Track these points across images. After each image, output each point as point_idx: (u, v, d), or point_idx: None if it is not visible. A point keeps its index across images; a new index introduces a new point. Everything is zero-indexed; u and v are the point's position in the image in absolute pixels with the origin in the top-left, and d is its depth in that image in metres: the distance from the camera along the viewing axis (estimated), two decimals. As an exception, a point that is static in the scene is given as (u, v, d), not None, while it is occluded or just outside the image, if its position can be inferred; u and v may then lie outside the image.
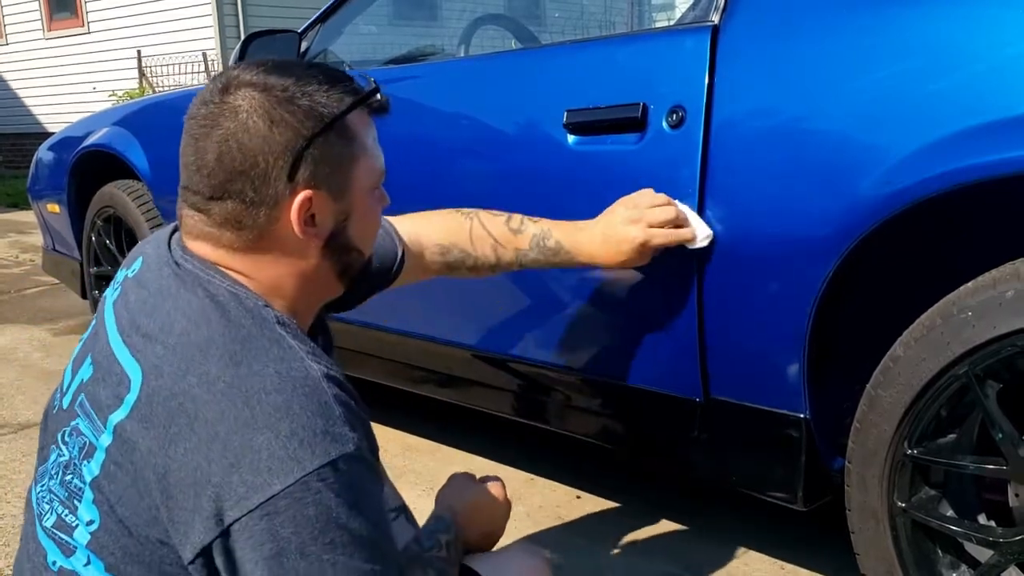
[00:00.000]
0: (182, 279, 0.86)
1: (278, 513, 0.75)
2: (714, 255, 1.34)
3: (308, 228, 0.87)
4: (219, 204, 0.85)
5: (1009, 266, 1.12)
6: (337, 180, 0.87)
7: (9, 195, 8.08)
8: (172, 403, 0.78)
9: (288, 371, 0.80)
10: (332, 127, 0.85)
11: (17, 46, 10.70)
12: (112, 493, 0.81)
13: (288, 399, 0.78)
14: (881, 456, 1.22)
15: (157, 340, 0.82)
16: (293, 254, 0.88)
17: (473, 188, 1.70)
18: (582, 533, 1.84)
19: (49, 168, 3.05)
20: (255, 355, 0.80)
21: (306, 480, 0.75)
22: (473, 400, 1.91)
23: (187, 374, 0.79)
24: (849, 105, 1.21)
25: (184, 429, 0.77)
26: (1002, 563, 1.16)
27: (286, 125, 0.83)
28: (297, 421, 0.77)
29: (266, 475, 0.75)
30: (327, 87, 0.86)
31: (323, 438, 0.77)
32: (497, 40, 2.50)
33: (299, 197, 0.85)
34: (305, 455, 0.76)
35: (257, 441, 0.76)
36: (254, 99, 0.84)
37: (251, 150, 0.83)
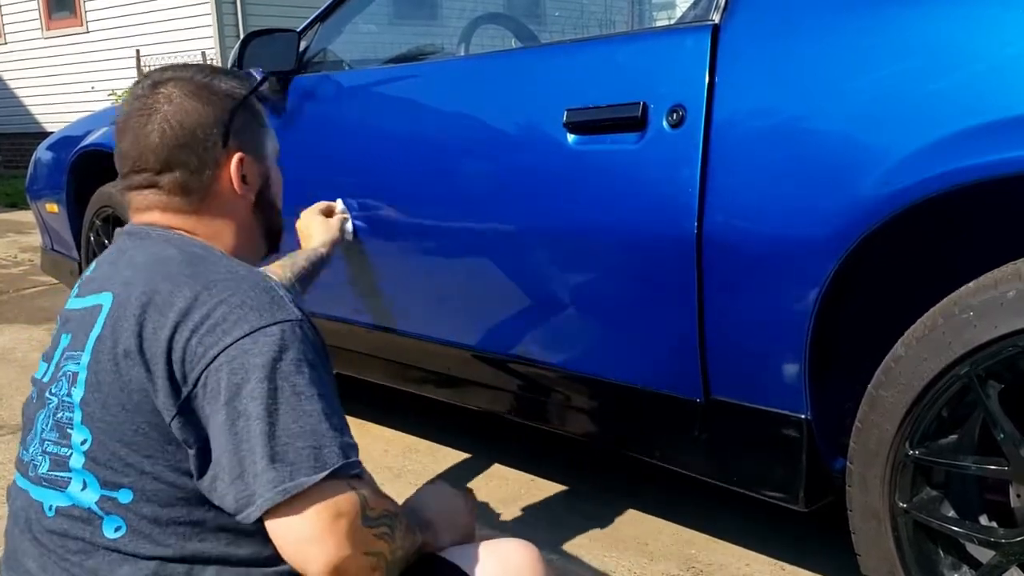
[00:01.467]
0: (136, 236, 1.03)
1: (229, 362, 0.88)
2: (715, 255, 1.34)
3: (243, 186, 1.06)
4: (168, 175, 1.03)
5: (1010, 266, 1.12)
6: (255, 145, 1.09)
7: (8, 195, 8.07)
8: (143, 299, 0.92)
9: (236, 268, 0.97)
10: (245, 105, 1.07)
11: (15, 45, 10.69)
12: (98, 400, 0.92)
13: (238, 283, 0.93)
14: (882, 456, 1.22)
15: (124, 272, 0.97)
16: (230, 212, 1.07)
17: (473, 187, 1.70)
18: (582, 534, 1.84)
19: (48, 168, 3.04)
20: (209, 263, 0.97)
21: (253, 334, 0.89)
22: (473, 400, 1.90)
23: (154, 278, 0.94)
24: (849, 105, 1.20)
25: (152, 313, 0.91)
26: (1004, 564, 1.16)
27: (213, 103, 1.04)
28: (247, 295, 0.92)
29: (219, 334, 0.89)
30: (231, 76, 1.09)
31: (270, 306, 0.92)
32: (497, 39, 2.49)
33: (235, 158, 1.05)
34: (253, 316, 0.90)
35: (215, 311, 0.90)
36: (182, 87, 1.03)
37: (189, 125, 1.02)
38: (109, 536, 0.91)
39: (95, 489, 0.91)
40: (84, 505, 0.91)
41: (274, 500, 0.84)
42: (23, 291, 4.38)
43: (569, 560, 1.74)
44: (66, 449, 0.93)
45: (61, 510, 0.93)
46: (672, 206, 1.37)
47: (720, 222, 1.32)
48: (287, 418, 0.87)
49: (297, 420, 0.87)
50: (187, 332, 0.89)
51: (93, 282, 1.02)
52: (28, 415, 1.02)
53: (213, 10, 8.69)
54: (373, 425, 2.46)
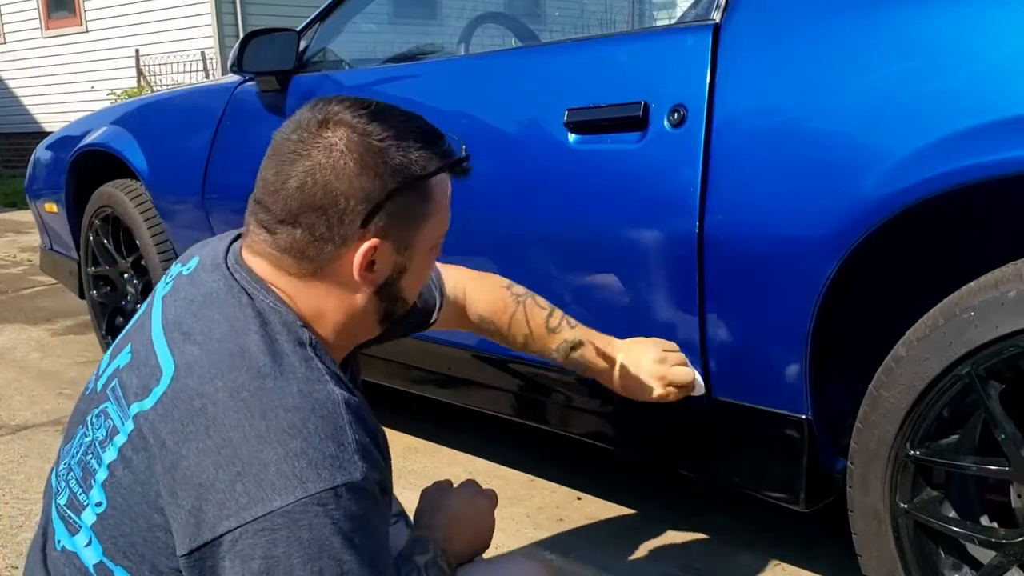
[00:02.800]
0: (230, 286, 0.89)
1: (273, 530, 0.75)
2: (716, 255, 1.34)
3: (366, 274, 0.90)
4: (288, 229, 0.87)
5: (1011, 266, 1.12)
6: (405, 236, 0.91)
7: (7, 195, 8.07)
8: (195, 403, 0.80)
9: (310, 391, 0.81)
10: (415, 186, 0.89)
11: (15, 45, 10.69)
12: (123, 479, 0.83)
13: (304, 418, 0.79)
14: (883, 457, 1.22)
15: (195, 341, 0.85)
16: (343, 293, 0.91)
17: (473, 187, 1.69)
18: (583, 534, 1.84)
19: (47, 167, 3.04)
20: (282, 371, 0.82)
21: (306, 501, 0.76)
22: (473, 401, 1.90)
23: (215, 378, 0.81)
24: (850, 105, 1.20)
25: (200, 430, 0.79)
26: (1004, 564, 1.16)
27: (374, 174, 0.86)
28: (309, 441, 0.78)
29: (268, 490, 0.76)
30: (421, 145, 0.89)
31: (331, 462, 0.78)
32: (497, 39, 2.49)
33: (366, 244, 0.88)
34: (310, 476, 0.77)
35: (266, 455, 0.77)
36: (351, 141, 0.86)
37: (334, 189, 0.85)
38: None
39: (97, 552, 0.85)
40: (85, 561, 0.86)
41: None
42: (22, 291, 4.38)
43: (569, 560, 1.74)
44: (84, 498, 0.87)
45: (67, 551, 0.88)
46: (673, 206, 1.37)
47: (721, 222, 1.32)
48: None
49: None
50: (232, 472, 0.77)
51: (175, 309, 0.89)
52: (78, 410, 0.95)
53: (213, 10, 8.69)
54: (373, 425, 2.46)
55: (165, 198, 2.47)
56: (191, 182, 2.31)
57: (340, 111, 0.87)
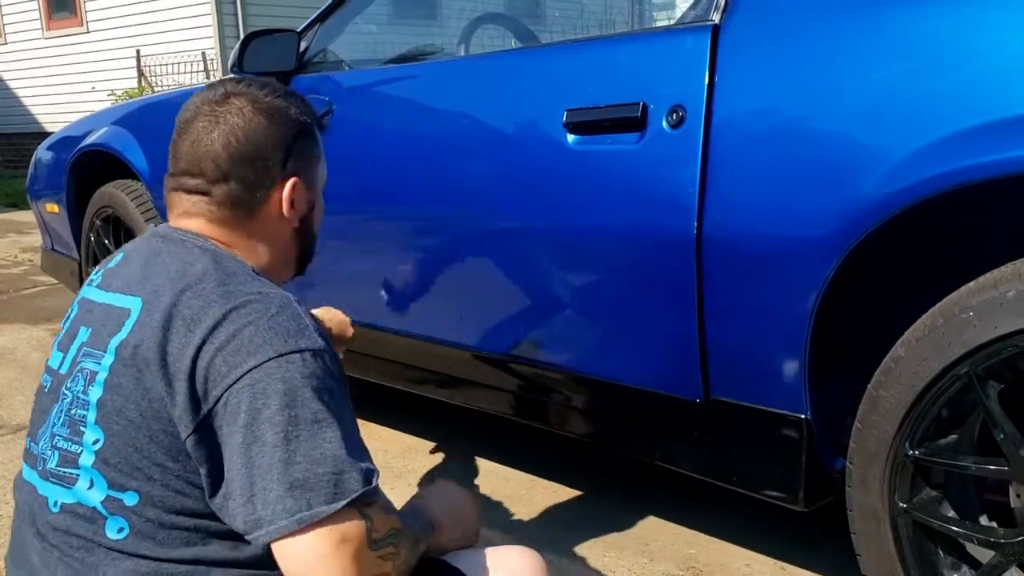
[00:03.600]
0: (170, 241, 1.01)
1: (252, 384, 0.87)
2: (715, 255, 1.34)
3: (291, 210, 1.06)
4: (223, 186, 1.02)
5: (1010, 266, 1.12)
6: (310, 173, 1.09)
7: (8, 195, 8.07)
8: (171, 311, 0.92)
9: (267, 290, 0.96)
10: (309, 131, 1.09)
11: (16, 46, 10.69)
12: (114, 405, 0.92)
13: (266, 304, 0.93)
14: (882, 456, 1.22)
15: (155, 278, 0.96)
16: (271, 233, 1.06)
17: (472, 187, 1.70)
18: (583, 534, 1.84)
19: (48, 168, 3.04)
20: (240, 280, 0.96)
21: (276, 359, 0.88)
22: (473, 401, 1.90)
23: (184, 291, 0.93)
24: (850, 105, 1.20)
25: (179, 327, 0.91)
26: (1003, 564, 1.16)
27: (282, 124, 1.05)
28: (274, 319, 0.91)
29: (244, 355, 0.89)
30: (298, 101, 1.09)
31: (295, 333, 0.91)
32: (497, 39, 2.49)
33: (289, 182, 1.05)
34: (278, 341, 0.90)
35: (242, 332, 0.90)
36: (254, 104, 1.03)
37: (255, 141, 1.02)
38: (112, 537, 0.91)
39: (102, 489, 0.91)
40: (89, 504, 0.92)
41: (289, 528, 0.84)
42: (23, 291, 4.38)
43: (569, 560, 1.74)
44: (76, 446, 0.94)
45: (66, 507, 0.93)
46: (672, 206, 1.37)
47: (720, 222, 1.32)
48: (307, 445, 0.86)
49: (317, 447, 0.87)
50: (212, 351, 0.89)
51: (120, 279, 1.00)
52: (41, 406, 1.02)
53: (213, 10, 8.69)
54: (373, 425, 2.46)
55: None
56: (191, 182, 2.30)
57: (236, 85, 1.05)
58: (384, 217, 1.89)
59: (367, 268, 1.98)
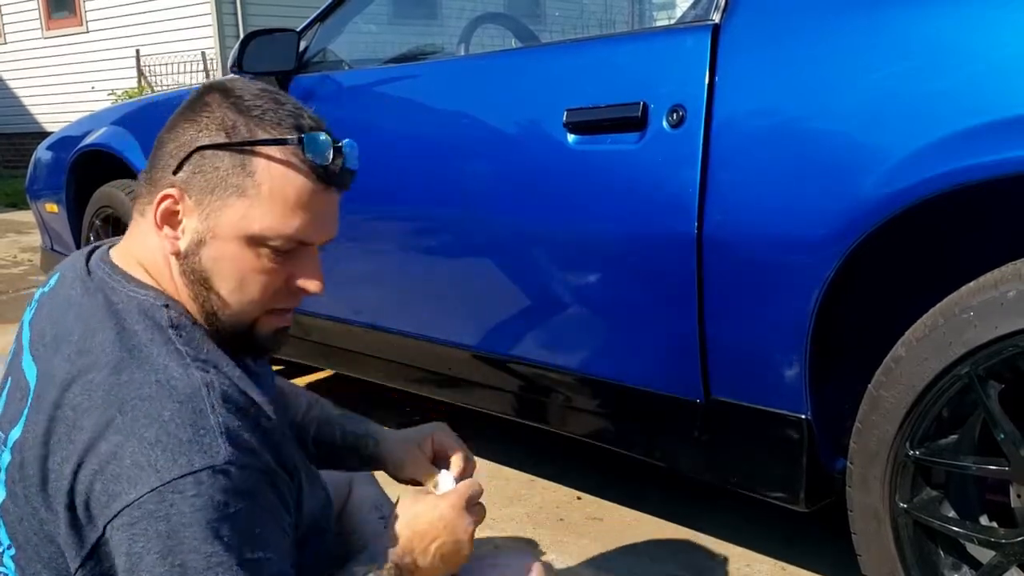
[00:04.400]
0: (87, 287, 0.87)
1: (131, 525, 0.72)
2: (715, 255, 1.34)
3: (167, 228, 0.86)
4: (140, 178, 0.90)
5: (1011, 266, 1.12)
6: (210, 200, 0.84)
7: (8, 195, 8.07)
8: (55, 413, 0.78)
9: (168, 380, 0.78)
10: (232, 148, 0.83)
11: (16, 45, 10.69)
12: (15, 514, 0.81)
13: (160, 406, 0.76)
14: (883, 457, 1.22)
15: (56, 349, 0.83)
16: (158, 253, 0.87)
17: (472, 187, 1.70)
18: (583, 534, 1.84)
19: (48, 168, 3.04)
20: (139, 363, 0.79)
21: (161, 490, 0.72)
22: (473, 401, 1.90)
23: (72, 384, 0.79)
24: (850, 105, 1.20)
25: (63, 439, 0.77)
26: (1004, 564, 1.16)
27: (204, 126, 0.84)
28: (164, 429, 0.74)
29: (125, 483, 0.73)
30: (272, 119, 0.84)
31: (188, 447, 0.74)
32: (497, 39, 2.49)
33: (167, 189, 0.85)
34: (165, 464, 0.73)
35: (123, 449, 0.74)
36: (216, 97, 0.86)
37: (169, 137, 0.87)
38: None
39: None
40: None
41: None
42: (23, 291, 4.38)
43: (569, 560, 1.74)
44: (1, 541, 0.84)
45: None
46: (672, 206, 1.37)
47: (720, 222, 1.32)
48: None
49: None
50: (90, 473, 0.74)
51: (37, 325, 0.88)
52: None
53: (213, 10, 8.69)
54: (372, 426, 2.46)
55: (165, 198, 2.46)
56: (191, 182, 2.30)
57: (218, 81, 0.89)
58: (384, 217, 1.89)
59: (367, 268, 1.98)
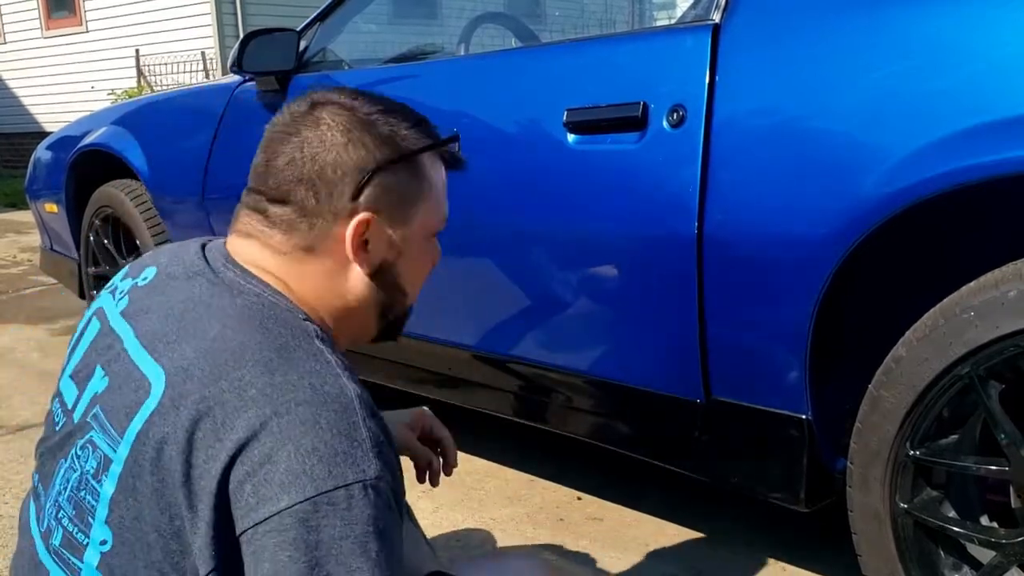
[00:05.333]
0: (217, 287, 0.85)
1: (281, 532, 0.71)
2: (715, 255, 1.34)
3: (360, 252, 0.88)
4: (279, 207, 0.87)
5: (1011, 266, 1.12)
6: (399, 213, 0.89)
7: (7, 195, 8.07)
8: (200, 407, 0.75)
9: (322, 385, 0.77)
10: (406, 160, 0.88)
11: (15, 45, 10.68)
12: (129, 510, 0.78)
13: (317, 413, 0.75)
14: (883, 457, 1.22)
15: (187, 344, 0.80)
16: (339, 274, 0.88)
17: (472, 187, 1.70)
18: (583, 534, 1.84)
19: (47, 168, 3.04)
20: (291, 365, 0.78)
21: (316, 500, 0.72)
22: (473, 401, 1.90)
23: (219, 379, 0.76)
24: (850, 104, 1.20)
25: (208, 435, 0.74)
26: (1004, 564, 1.16)
27: (363, 145, 0.86)
28: (320, 437, 0.74)
29: (277, 489, 0.72)
30: (410, 124, 0.89)
31: (344, 459, 0.74)
32: (497, 39, 2.49)
33: (358, 217, 0.86)
34: (320, 473, 0.72)
35: (279, 453, 0.73)
36: (338, 115, 0.86)
37: (323, 161, 0.85)
38: None
39: None
40: None
41: None
42: (22, 291, 4.38)
43: (569, 561, 1.74)
44: (83, 537, 0.81)
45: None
46: (672, 206, 1.37)
47: (720, 222, 1.32)
48: None
49: None
50: (243, 474, 0.73)
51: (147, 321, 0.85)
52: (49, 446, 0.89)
53: (213, 10, 8.69)
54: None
55: (165, 198, 2.47)
56: (191, 182, 2.31)
57: (329, 94, 0.89)
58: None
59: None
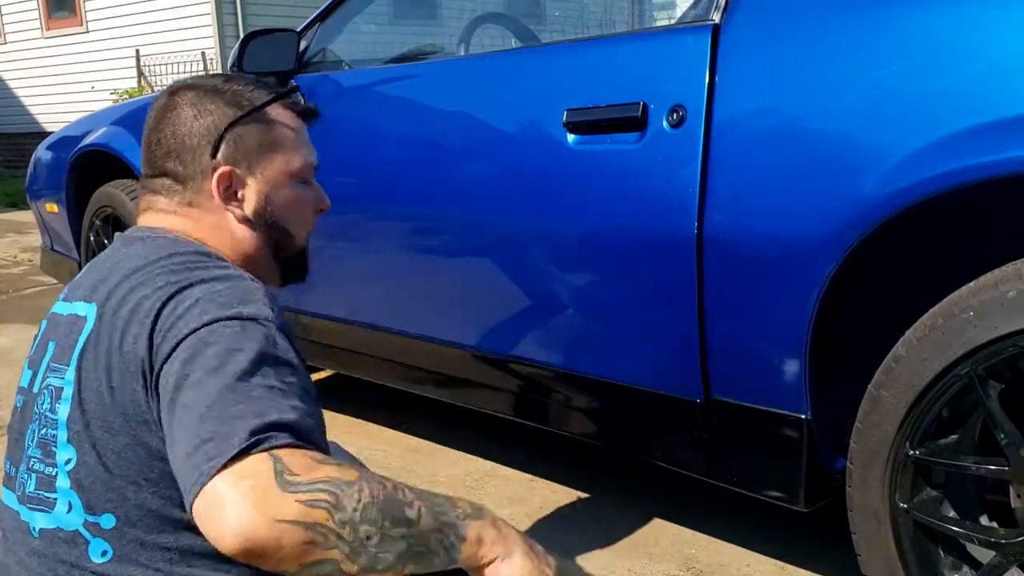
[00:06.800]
0: (128, 241, 1.00)
1: (185, 349, 0.83)
2: (715, 255, 1.34)
3: (232, 202, 1.02)
4: (160, 180, 1.03)
5: (1011, 266, 1.12)
6: (256, 161, 1.03)
7: (8, 195, 8.07)
8: (124, 308, 0.89)
9: (228, 274, 0.92)
10: (251, 115, 1.02)
11: (15, 45, 10.69)
12: (83, 418, 0.88)
13: (223, 284, 0.90)
14: (883, 456, 1.22)
15: (110, 279, 0.94)
16: (224, 227, 1.02)
17: (472, 187, 1.70)
18: (583, 534, 1.84)
19: (48, 168, 3.04)
20: (203, 267, 0.93)
21: (212, 325, 0.84)
22: (474, 401, 1.90)
23: (135, 288, 0.90)
24: (850, 104, 1.20)
25: (132, 323, 0.88)
26: (1004, 564, 1.16)
27: (210, 112, 1.01)
28: (221, 295, 0.88)
29: (182, 326, 0.85)
30: (251, 86, 1.05)
31: (238, 303, 0.88)
32: (497, 39, 2.49)
33: (219, 171, 1.00)
34: (219, 311, 0.86)
35: (188, 310, 0.86)
36: (187, 94, 1.03)
37: (181, 133, 1.01)
38: (96, 560, 0.87)
39: (79, 512, 0.87)
40: (70, 528, 0.88)
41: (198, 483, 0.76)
42: (23, 291, 4.38)
43: (569, 560, 1.74)
44: (51, 468, 0.90)
45: (46, 532, 0.89)
46: (672, 206, 1.37)
47: (720, 222, 1.32)
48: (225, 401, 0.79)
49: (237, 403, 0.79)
50: (161, 335, 0.86)
51: (79, 289, 0.98)
52: (15, 428, 0.98)
53: (213, 10, 8.69)
54: (373, 426, 2.46)
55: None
56: (191, 182, 2.31)
57: (183, 80, 1.06)
58: (384, 217, 1.89)
59: (367, 268, 1.98)
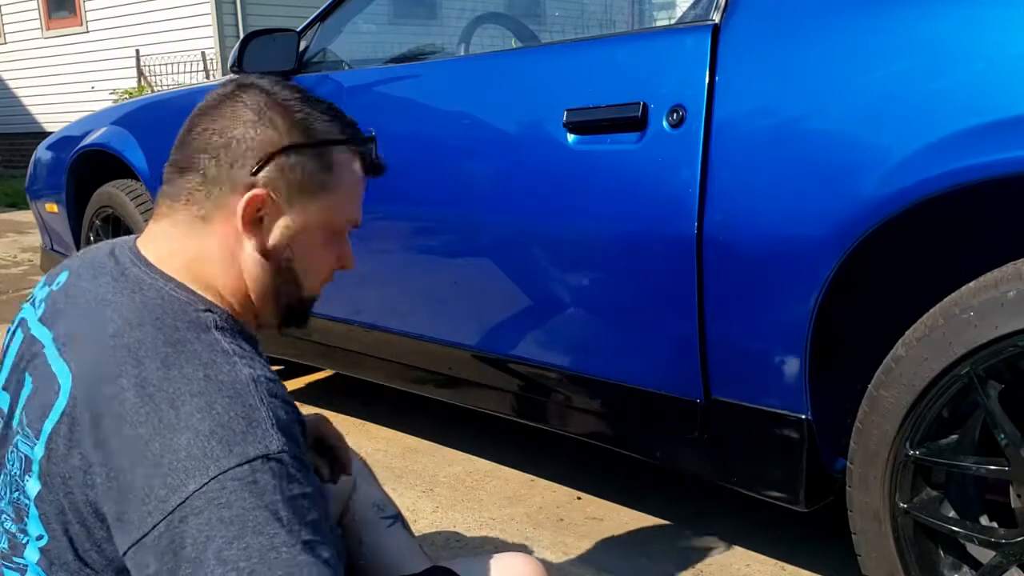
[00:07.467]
0: (120, 284, 0.86)
1: (197, 514, 0.73)
2: (715, 255, 1.34)
3: (253, 228, 0.88)
4: (185, 176, 0.88)
5: (1011, 266, 1.12)
6: (297, 198, 0.89)
7: (8, 195, 8.07)
8: (101, 407, 0.78)
9: (216, 375, 0.79)
10: (316, 149, 0.89)
11: (15, 45, 10.68)
12: (52, 504, 0.81)
13: (211, 400, 0.77)
14: (883, 457, 1.22)
15: (90, 343, 0.82)
16: (234, 253, 0.88)
17: (473, 187, 1.70)
18: (583, 534, 1.84)
19: (47, 168, 3.04)
20: (186, 359, 0.79)
21: (220, 479, 0.73)
22: (473, 401, 1.90)
23: (118, 377, 0.78)
24: (850, 104, 1.20)
25: (111, 434, 0.77)
26: (1004, 564, 1.16)
27: (273, 125, 0.87)
28: (217, 420, 0.76)
29: (182, 476, 0.74)
30: (329, 118, 0.91)
31: (243, 438, 0.75)
32: (497, 39, 2.49)
33: (254, 191, 0.86)
34: (221, 454, 0.74)
35: (177, 442, 0.75)
36: (256, 97, 0.88)
37: (230, 134, 0.86)
38: None
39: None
40: None
41: None
42: (23, 291, 4.37)
43: (569, 561, 1.74)
44: (23, 536, 0.84)
45: None
46: (672, 206, 1.37)
47: (720, 222, 1.32)
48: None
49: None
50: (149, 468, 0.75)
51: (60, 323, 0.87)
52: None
53: (213, 10, 8.68)
54: (372, 425, 2.46)
55: (165, 198, 2.47)
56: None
57: (255, 78, 0.90)
58: (384, 217, 1.89)
59: (367, 268, 1.98)
